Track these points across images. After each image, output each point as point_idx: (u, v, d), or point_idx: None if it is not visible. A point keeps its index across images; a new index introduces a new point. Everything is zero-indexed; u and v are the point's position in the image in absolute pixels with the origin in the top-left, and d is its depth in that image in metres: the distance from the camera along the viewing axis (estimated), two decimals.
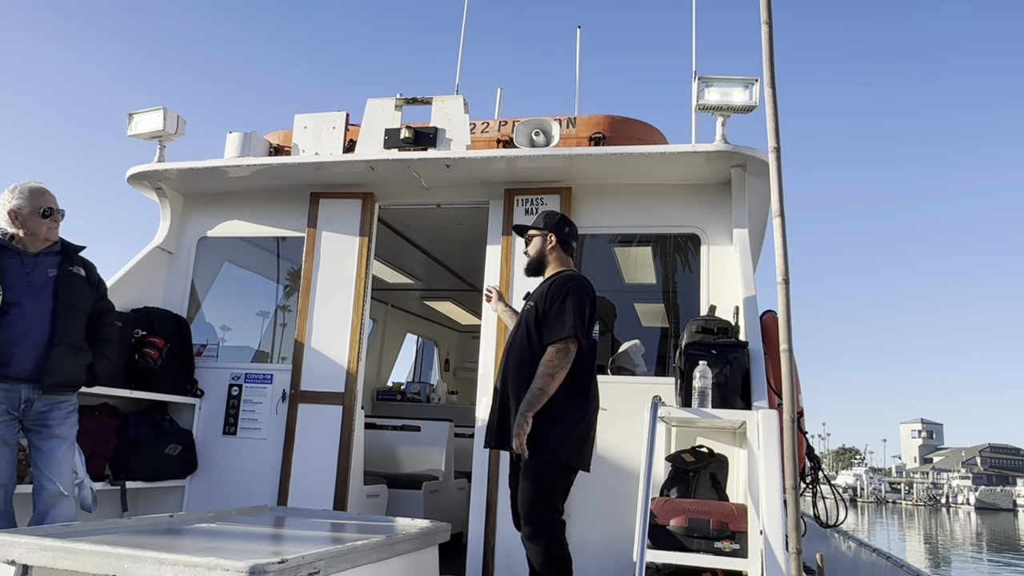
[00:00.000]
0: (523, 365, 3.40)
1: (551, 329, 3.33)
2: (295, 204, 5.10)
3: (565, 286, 3.41)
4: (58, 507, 3.44)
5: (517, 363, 3.43)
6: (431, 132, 4.70)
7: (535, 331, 3.41)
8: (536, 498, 3.26)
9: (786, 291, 2.55)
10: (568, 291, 3.39)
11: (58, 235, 3.64)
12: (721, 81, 4.22)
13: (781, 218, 2.59)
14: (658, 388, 4.12)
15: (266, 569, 2.11)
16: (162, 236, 5.23)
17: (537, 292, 3.58)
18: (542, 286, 3.57)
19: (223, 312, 5.65)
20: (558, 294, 3.39)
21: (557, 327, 3.32)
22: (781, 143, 2.64)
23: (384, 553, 2.82)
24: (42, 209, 3.55)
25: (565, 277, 3.49)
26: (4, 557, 2.35)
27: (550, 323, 3.35)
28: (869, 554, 7.00)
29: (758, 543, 2.96)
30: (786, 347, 2.53)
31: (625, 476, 4.17)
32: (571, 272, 3.58)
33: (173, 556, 2.18)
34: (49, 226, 3.59)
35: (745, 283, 4.09)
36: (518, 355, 3.45)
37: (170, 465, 4.64)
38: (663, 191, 4.63)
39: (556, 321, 3.33)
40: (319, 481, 4.62)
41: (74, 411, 3.62)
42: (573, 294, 3.38)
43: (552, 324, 3.34)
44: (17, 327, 3.43)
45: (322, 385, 4.76)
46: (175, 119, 5.03)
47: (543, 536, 3.26)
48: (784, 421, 2.47)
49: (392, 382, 8.55)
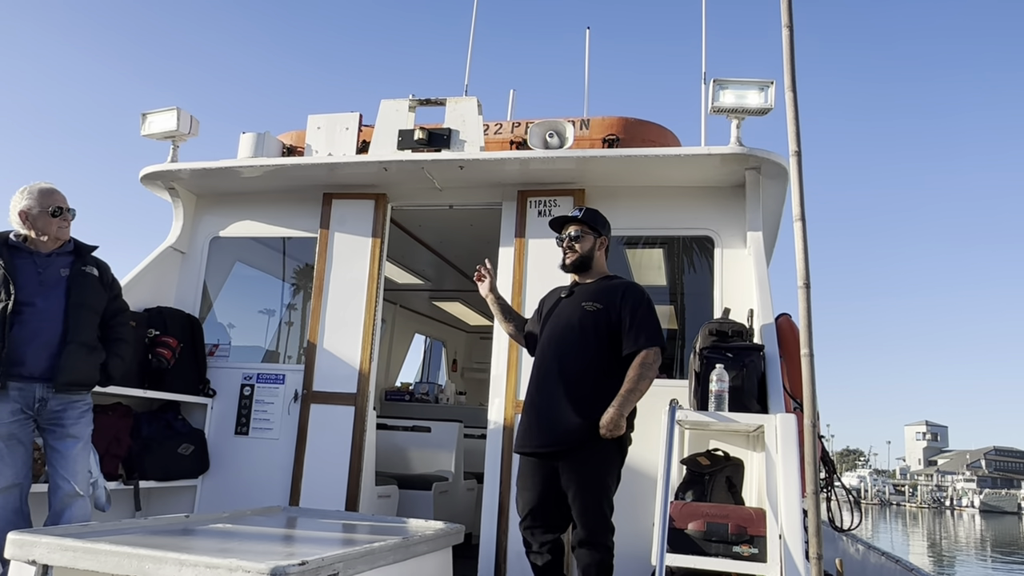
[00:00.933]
0: (593, 367, 3.36)
1: (643, 334, 3.37)
2: (308, 205, 5.11)
3: (643, 295, 3.48)
4: (73, 506, 3.45)
5: (585, 364, 3.37)
6: (445, 133, 4.70)
7: (606, 335, 3.40)
8: (602, 502, 3.26)
9: (807, 295, 2.54)
10: (647, 300, 3.47)
11: (69, 234, 3.65)
12: (736, 83, 4.21)
13: (802, 222, 2.58)
14: (671, 391, 4.10)
15: (287, 571, 2.11)
16: (175, 236, 5.24)
17: (593, 293, 3.51)
18: (599, 288, 3.54)
19: (234, 312, 5.65)
20: (640, 302, 3.44)
21: (650, 333, 3.37)
22: (802, 147, 2.63)
23: (401, 555, 2.82)
24: (51, 208, 3.56)
25: (635, 285, 3.56)
26: (25, 557, 2.35)
27: (639, 328, 3.38)
28: (878, 557, 6.97)
29: (777, 548, 2.95)
30: (807, 351, 2.52)
31: (638, 478, 4.16)
32: (632, 281, 3.67)
33: (194, 557, 2.18)
34: (59, 225, 3.59)
35: (760, 286, 4.07)
36: (586, 356, 3.38)
37: (183, 465, 4.64)
38: (677, 193, 4.62)
39: (647, 327, 3.39)
40: (331, 481, 4.62)
41: (88, 410, 3.62)
42: (650, 303, 3.47)
43: (643, 329, 3.38)
44: (30, 327, 3.44)
45: (334, 386, 4.76)
46: (188, 119, 5.04)
47: (603, 544, 3.25)
48: (804, 425, 2.46)
49: (400, 382, 8.56)
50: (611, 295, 3.47)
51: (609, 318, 3.41)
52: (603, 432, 3.21)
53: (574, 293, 3.60)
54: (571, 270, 3.66)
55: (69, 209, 3.63)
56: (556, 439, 3.32)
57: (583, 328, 3.42)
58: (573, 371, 3.37)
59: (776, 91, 4.18)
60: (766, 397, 3.56)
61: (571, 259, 3.61)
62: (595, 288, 3.54)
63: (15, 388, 3.40)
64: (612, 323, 3.40)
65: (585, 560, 3.24)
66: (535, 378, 3.50)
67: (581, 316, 3.45)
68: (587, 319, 3.43)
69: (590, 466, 3.26)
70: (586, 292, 3.55)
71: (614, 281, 3.58)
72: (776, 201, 4.66)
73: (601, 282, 3.59)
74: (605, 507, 3.27)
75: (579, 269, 3.63)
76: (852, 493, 3.99)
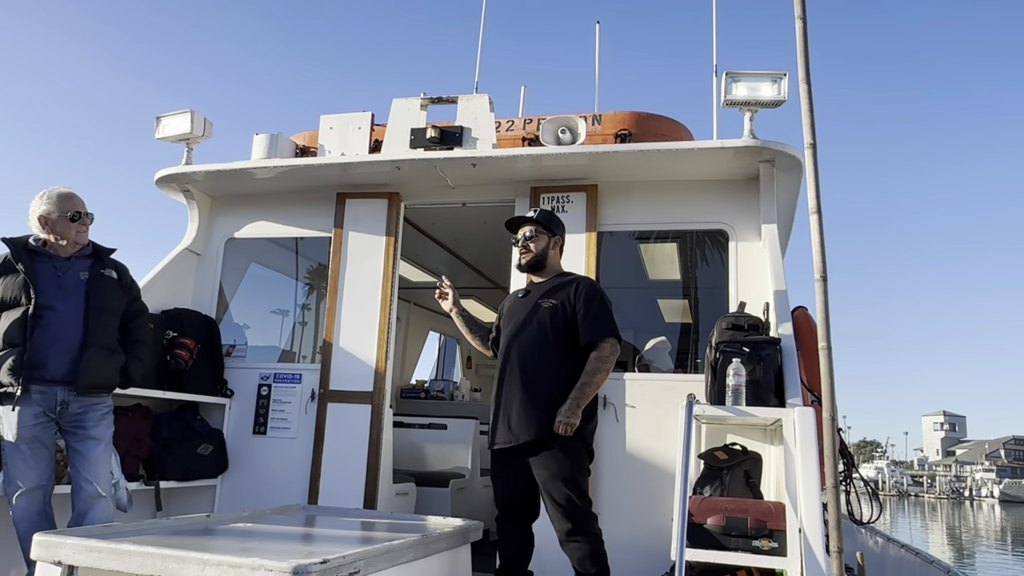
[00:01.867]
0: (549, 363, 3.45)
1: (595, 327, 3.45)
2: (321, 205, 5.13)
3: (595, 289, 3.58)
4: (96, 507, 3.49)
5: (541, 361, 3.46)
6: (457, 131, 4.70)
7: (562, 329, 3.48)
8: (574, 494, 3.31)
9: (824, 288, 2.53)
10: (600, 294, 3.56)
11: (87, 238, 3.67)
12: (749, 76, 4.19)
13: (818, 215, 2.56)
14: (687, 385, 4.11)
15: (309, 569, 2.12)
16: (190, 238, 5.28)
17: (549, 290, 3.60)
18: (554, 285, 3.63)
19: (250, 312, 5.69)
20: (592, 295, 3.52)
21: (603, 326, 3.46)
22: (817, 139, 2.62)
23: (421, 552, 2.83)
24: (70, 213, 3.59)
25: (589, 281, 3.64)
26: (51, 558, 2.38)
27: (592, 322, 3.46)
28: (898, 550, 6.93)
29: (797, 541, 2.94)
30: (824, 344, 2.51)
31: (655, 473, 4.16)
32: (585, 276, 3.75)
33: (217, 557, 2.19)
34: (78, 229, 3.62)
35: (775, 279, 4.06)
36: (541, 353, 3.47)
37: (202, 465, 4.68)
38: (690, 187, 4.61)
39: (600, 320, 3.47)
40: (349, 480, 4.65)
41: (109, 412, 3.65)
42: (604, 297, 3.57)
43: (595, 323, 3.46)
44: (51, 331, 3.47)
45: (351, 384, 4.79)
46: (202, 121, 5.07)
47: (587, 533, 3.32)
48: (824, 419, 2.46)
49: (415, 380, 8.58)
50: (565, 290, 3.56)
51: (565, 312, 3.50)
52: (558, 427, 3.29)
53: (530, 292, 3.69)
54: (527, 269, 3.75)
55: (87, 214, 3.66)
56: (519, 434, 3.41)
57: (540, 324, 3.51)
58: (532, 367, 3.46)
59: (789, 83, 4.16)
60: (783, 391, 3.55)
61: (526, 259, 3.70)
62: (550, 286, 3.63)
63: (37, 391, 3.44)
64: (568, 316, 3.49)
65: (577, 553, 3.30)
66: (498, 377, 3.60)
67: (539, 313, 3.54)
68: (543, 315, 3.52)
69: (556, 460, 3.33)
70: (541, 290, 3.64)
71: (568, 277, 3.68)
72: (790, 194, 4.64)
73: (556, 279, 3.68)
74: (578, 498, 3.32)
75: (534, 268, 3.72)
76: (871, 486, 3.97)
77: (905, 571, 6.57)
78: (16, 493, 3.44)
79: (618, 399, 4.31)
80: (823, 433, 2.58)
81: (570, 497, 3.30)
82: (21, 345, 3.41)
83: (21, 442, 3.42)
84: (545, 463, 3.35)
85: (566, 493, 3.30)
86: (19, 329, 3.42)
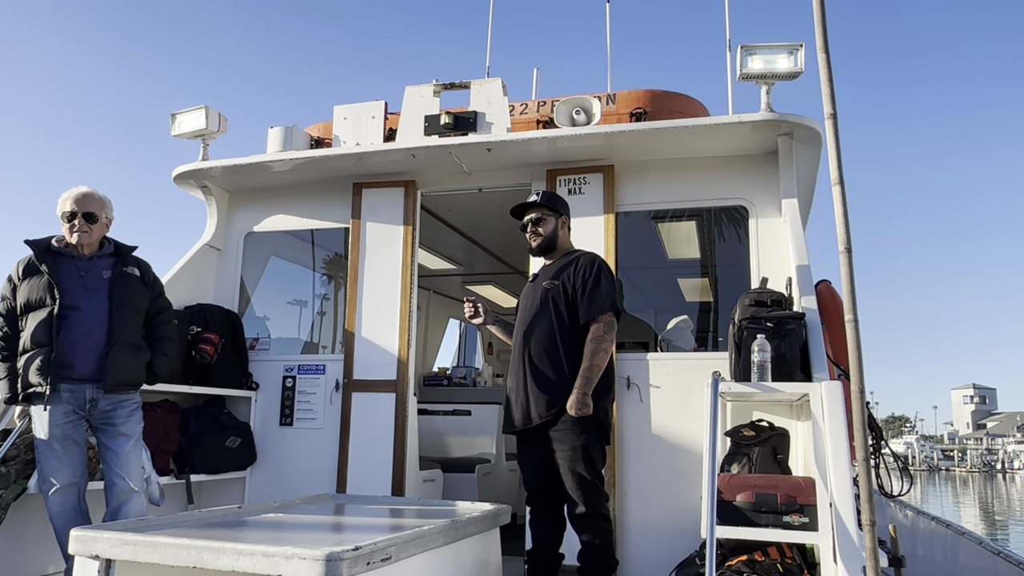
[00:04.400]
0: (552, 343, 3.49)
1: (592, 305, 3.45)
2: (338, 195, 5.14)
3: (595, 264, 3.55)
4: (130, 502, 3.54)
5: (545, 342, 3.50)
6: (471, 116, 4.68)
7: (564, 309, 3.51)
8: (590, 475, 3.36)
9: (849, 260, 2.49)
10: (598, 268, 3.53)
11: (89, 239, 3.59)
12: (764, 49, 4.13)
13: (841, 186, 2.52)
14: (711, 363, 4.08)
15: (341, 556, 2.14)
16: (210, 233, 5.31)
17: (554, 272, 3.62)
18: (559, 265, 3.64)
19: (272, 305, 5.72)
20: (589, 272, 3.51)
21: (599, 302, 3.45)
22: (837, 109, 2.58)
23: (450, 537, 2.84)
24: (62, 213, 3.58)
25: (590, 256, 3.62)
26: (88, 552, 2.42)
27: (588, 299, 3.46)
28: (928, 522, 6.88)
29: (828, 516, 2.92)
30: (851, 317, 2.47)
31: (682, 452, 4.15)
32: (589, 252, 3.70)
33: (251, 547, 2.22)
34: (72, 229, 3.56)
35: (797, 253, 4.02)
36: (545, 334, 3.51)
37: (231, 457, 4.73)
38: (707, 164, 4.56)
39: (596, 297, 3.46)
40: (376, 468, 4.68)
41: (138, 408, 3.69)
42: (605, 272, 3.54)
43: (592, 300, 3.45)
44: (77, 330, 3.50)
45: (374, 373, 4.81)
46: (217, 117, 5.09)
47: (598, 514, 3.38)
48: (852, 392, 2.43)
49: (438, 367, 8.61)
50: (567, 270, 3.58)
51: (566, 291, 3.52)
52: (572, 414, 3.34)
53: (538, 276, 3.71)
54: (539, 253, 3.75)
55: (84, 213, 3.55)
56: (530, 416, 3.46)
57: (543, 306, 3.55)
58: (537, 350, 3.50)
59: (806, 54, 4.10)
60: (809, 366, 3.52)
61: (536, 242, 3.71)
62: (557, 267, 3.65)
63: (66, 390, 3.48)
64: (569, 296, 3.51)
65: (587, 534, 3.37)
66: (511, 360, 3.66)
67: (542, 296, 3.57)
68: (546, 297, 3.55)
69: (570, 441, 3.37)
70: (548, 273, 3.66)
71: (572, 255, 3.66)
72: (810, 167, 4.58)
73: (562, 259, 3.68)
74: (592, 478, 3.37)
75: (546, 251, 3.73)
76: (900, 459, 3.93)
77: (937, 543, 6.53)
78: (51, 490, 3.49)
79: (642, 380, 4.30)
80: (851, 407, 2.55)
81: (580, 474, 3.35)
82: (48, 345, 3.45)
83: (53, 440, 3.47)
84: (559, 445, 3.40)
85: (576, 469, 3.35)
86: (46, 330, 3.46)
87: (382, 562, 2.31)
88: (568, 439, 3.37)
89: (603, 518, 3.39)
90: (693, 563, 3.42)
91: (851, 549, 2.80)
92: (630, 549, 4.11)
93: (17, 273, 3.60)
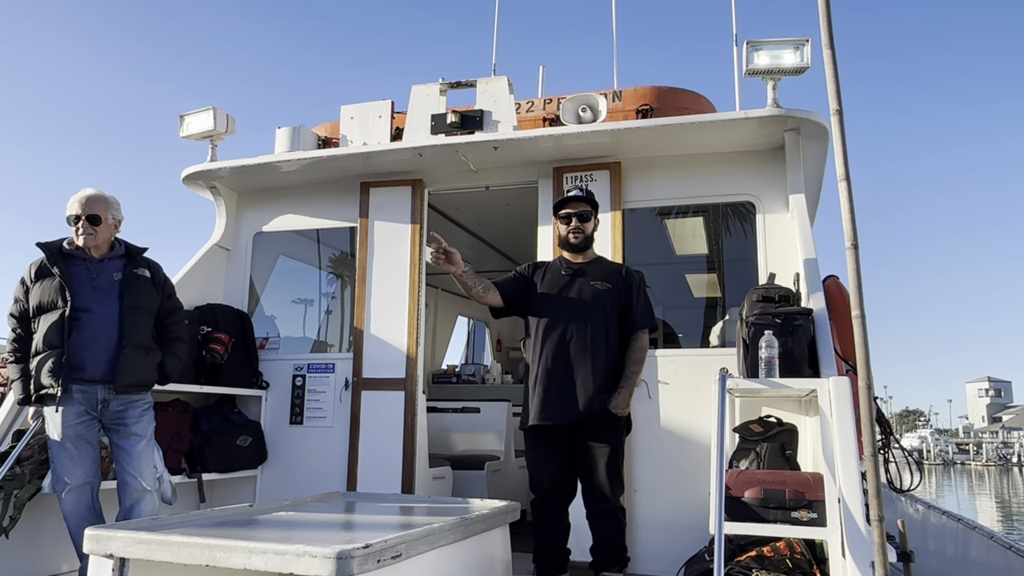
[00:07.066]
0: (603, 343, 3.55)
1: (644, 317, 3.65)
2: (346, 195, 5.16)
3: (643, 280, 3.75)
4: (143, 501, 3.58)
5: (599, 340, 3.55)
6: (477, 115, 4.69)
7: (614, 314, 3.61)
8: (618, 473, 3.48)
9: (856, 256, 2.50)
10: (644, 285, 3.73)
11: (95, 241, 3.61)
12: (770, 44, 4.13)
13: (847, 182, 2.53)
14: (719, 359, 4.09)
15: (352, 554, 2.16)
16: (219, 234, 5.34)
17: (601, 275, 3.68)
18: (602, 270, 3.71)
19: (281, 305, 5.75)
20: (641, 286, 3.70)
21: (649, 316, 3.67)
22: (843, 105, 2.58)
23: (460, 534, 2.86)
24: (68, 217, 3.61)
25: (636, 271, 3.78)
26: (102, 551, 2.44)
27: (642, 311, 3.65)
28: (939, 517, 6.85)
29: (836, 511, 2.93)
30: (858, 313, 2.48)
31: (689, 448, 4.16)
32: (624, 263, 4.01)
33: (263, 545, 2.24)
34: (78, 231, 3.58)
35: (805, 249, 4.01)
36: (599, 333, 3.55)
37: (242, 456, 4.77)
38: (714, 160, 4.56)
39: (648, 311, 3.67)
40: (386, 466, 4.70)
41: (149, 408, 3.72)
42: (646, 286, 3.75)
43: (644, 313, 3.66)
44: (88, 332, 3.53)
45: (383, 372, 4.83)
46: (225, 118, 5.12)
47: (621, 508, 3.50)
48: (860, 387, 2.43)
49: (446, 365, 8.63)
50: (616, 276, 3.70)
51: (619, 297, 3.64)
52: (616, 412, 3.47)
53: (578, 272, 3.70)
54: (580, 249, 3.75)
55: (87, 216, 3.57)
56: (580, 410, 3.47)
57: (599, 306, 3.60)
58: (593, 346, 3.53)
59: (812, 50, 4.09)
60: (817, 361, 3.52)
61: (579, 239, 3.73)
62: (599, 269, 3.73)
63: (78, 391, 3.52)
64: (621, 302, 3.64)
65: (610, 529, 3.47)
66: (550, 351, 3.55)
67: (594, 294, 3.62)
68: (602, 297, 3.62)
69: (611, 436, 3.48)
70: (590, 271, 3.70)
71: (609, 262, 3.87)
72: (817, 162, 4.57)
73: (601, 262, 3.80)
74: (620, 472, 3.50)
75: (584, 248, 3.76)
76: (909, 454, 3.93)
77: (947, 538, 6.50)
78: (64, 490, 3.53)
79: (650, 376, 4.31)
80: (859, 402, 2.55)
81: (615, 470, 3.46)
82: (60, 347, 3.48)
83: (66, 440, 3.50)
84: (599, 439, 3.46)
85: (613, 464, 3.45)
86: (57, 331, 3.49)
87: (392, 559, 2.32)
88: (610, 436, 3.46)
89: (623, 512, 3.53)
90: (702, 559, 3.43)
91: (860, 544, 2.80)
92: (639, 545, 4.12)
93: (29, 276, 3.64)
